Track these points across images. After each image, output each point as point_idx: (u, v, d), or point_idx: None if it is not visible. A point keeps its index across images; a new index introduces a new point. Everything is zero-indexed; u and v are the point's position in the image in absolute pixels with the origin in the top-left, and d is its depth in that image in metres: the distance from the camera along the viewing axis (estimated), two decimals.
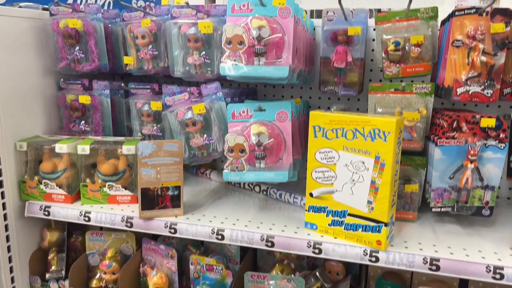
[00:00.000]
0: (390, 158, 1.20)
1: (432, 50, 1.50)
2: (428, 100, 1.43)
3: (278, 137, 1.40)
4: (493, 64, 1.32)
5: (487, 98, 1.32)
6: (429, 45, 1.47)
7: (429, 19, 1.47)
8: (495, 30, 1.32)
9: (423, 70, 1.47)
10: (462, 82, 1.34)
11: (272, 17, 1.34)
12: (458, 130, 1.34)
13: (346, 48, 1.51)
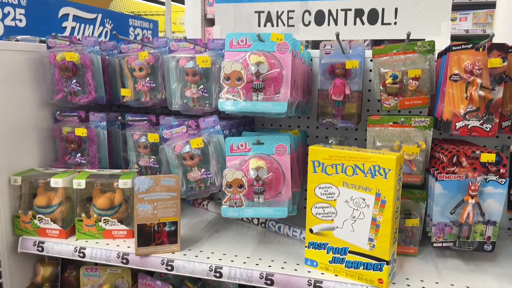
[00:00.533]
0: (391, 195, 1.18)
1: (429, 83, 1.50)
2: (427, 134, 1.43)
3: (277, 171, 1.39)
4: (491, 99, 1.33)
5: (486, 132, 1.32)
6: (426, 78, 1.47)
7: (426, 52, 1.48)
8: (492, 64, 1.32)
9: (421, 103, 1.47)
10: (461, 117, 1.34)
11: (270, 52, 1.34)
12: (458, 165, 1.33)
13: (344, 81, 1.51)
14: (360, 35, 1.82)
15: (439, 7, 1.74)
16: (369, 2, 1.79)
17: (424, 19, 1.76)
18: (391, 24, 1.78)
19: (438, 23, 1.74)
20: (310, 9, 1.84)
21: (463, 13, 4.43)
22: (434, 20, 1.75)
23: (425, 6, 1.74)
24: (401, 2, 1.76)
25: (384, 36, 1.79)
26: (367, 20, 1.80)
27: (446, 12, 1.73)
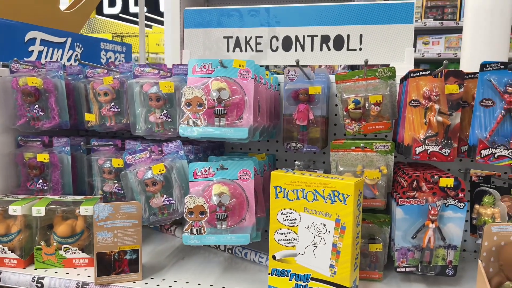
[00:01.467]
0: (350, 221, 1.18)
1: (391, 108, 1.53)
2: (388, 158, 1.44)
3: (240, 197, 1.38)
4: (449, 124, 1.36)
5: (445, 157, 1.34)
6: (388, 103, 1.50)
7: (387, 78, 1.51)
8: (449, 91, 1.36)
9: (383, 128, 1.49)
10: (420, 142, 1.36)
11: (232, 78, 1.35)
12: (418, 190, 1.34)
13: (308, 106, 1.52)
14: (327, 61, 1.85)
15: (402, 34, 1.79)
16: (334, 29, 1.83)
17: (388, 45, 1.80)
18: (356, 50, 1.83)
19: (402, 49, 1.79)
20: (278, 35, 1.88)
21: (436, 37, 4.58)
22: (397, 46, 1.79)
23: (388, 33, 1.79)
24: (365, 29, 1.80)
25: (350, 62, 1.83)
26: (333, 46, 1.84)
27: (408, 38, 1.78)
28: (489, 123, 1.27)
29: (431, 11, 4.45)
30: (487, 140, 1.26)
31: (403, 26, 1.77)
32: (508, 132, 1.24)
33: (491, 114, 1.27)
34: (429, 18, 4.47)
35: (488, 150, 1.24)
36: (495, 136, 1.26)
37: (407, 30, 1.77)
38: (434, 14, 4.45)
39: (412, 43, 1.78)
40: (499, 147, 1.23)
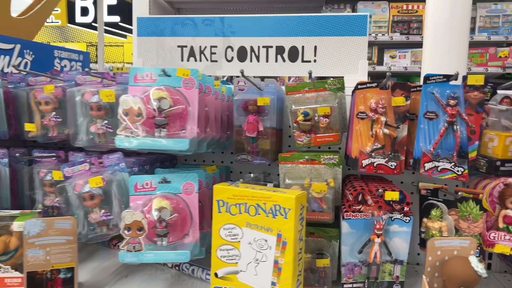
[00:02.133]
0: (291, 236, 1.15)
1: (341, 120, 1.51)
2: (336, 171, 1.42)
3: (183, 212, 1.32)
4: (395, 137, 1.34)
5: (391, 170, 1.32)
6: (337, 115, 1.48)
7: (336, 90, 1.49)
8: (396, 103, 1.35)
9: (332, 140, 1.47)
10: (367, 154, 1.34)
11: (176, 88, 1.30)
12: (364, 203, 1.32)
13: (257, 117, 1.49)
14: (281, 72, 1.83)
15: (356, 46, 1.78)
16: (289, 40, 1.81)
17: (342, 57, 1.79)
18: (311, 61, 1.81)
19: (355, 61, 1.79)
20: (233, 45, 1.85)
21: (402, 51, 4.66)
22: (351, 58, 1.79)
23: (342, 45, 1.79)
24: (320, 40, 1.79)
25: (305, 73, 1.81)
26: (288, 57, 1.82)
27: (362, 51, 1.78)
28: (433, 136, 1.26)
29: (397, 25, 4.54)
30: (431, 153, 1.25)
31: (357, 39, 1.77)
32: (451, 145, 1.23)
33: (435, 127, 1.26)
34: (395, 32, 4.55)
35: (432, 163, 1.23)
36: (439, 149, 1.25)
37: (361, 42, 1.77)
38: (400, 28, 4.54)
39: (366, 55, 1.78)
40: (442, 160, 1.22)
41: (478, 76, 1.19)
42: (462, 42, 3.00)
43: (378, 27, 4.60)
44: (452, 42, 2.96)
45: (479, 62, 4.36)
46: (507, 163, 1.31)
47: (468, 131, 1.22)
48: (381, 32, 4.59)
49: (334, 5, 4.74)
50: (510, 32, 4.26)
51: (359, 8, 4.61)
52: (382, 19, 4.58)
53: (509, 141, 1.30)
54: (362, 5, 4.62)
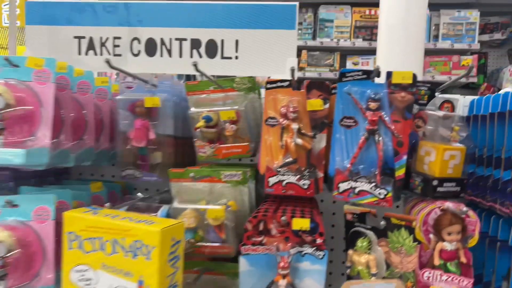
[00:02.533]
0: (155, 283, 0.85)
1: (254, 127, 1.23)
2: (241, 191, 1.13)
3: (31, 246, 1.01)
4: (310, 148, 1.07)
5: (303, 190, 1.05)
6: (246, 121, 1.21)
7: (247, 90, 1.21)
8: (312, 107, 1.08)
9: (241, 152, 1.19)
10: (274, 170, 1.06)
11: (24, 82, 1.00)
12: (266, 233, 1.03)
13: (147, 122, 1.19)
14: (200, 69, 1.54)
15: (283, 42, 1.51)
16: (206, 32, 1.53)
17: (267, 54, 1.52)
18: (231, 58, 1.53)
19: (283, 59, 1.51)
20: (140, 36, 1.55)
21: (365, 58, 4.47)
22: (278, 55, 1.52)
23: (268, 40, 1.51)
24: (242, 34, 1.52)
25: (224, 72, 1.53)
26: (205, 52, 1.54)
27: (291, 47, 1.51)
28: (351, 148, 0.99)
29: (360, 31, 4.35)
30: (348, 170, 0.98)
31: (284, 32, 1.51)
32: (373, 160, 0.97)
33: (353, 137, 0.99)
34: (358, 38, 4.35)
35: (347, 183, 0.96)
36: (359, 164, 0.98)
37: (289, 37, 1.51)
38: (363, 34, 4.34)
39: (295, 53, 1.51)
40: (360, 179, 0.95)
41: (405, 72, 0.93)
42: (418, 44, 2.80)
43: (340, 32, 4.40)
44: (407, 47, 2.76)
45: (443, 70, 4.19)
46: (446, 183, 1.05)
47: (394, 143, 0.96)
48: (344, 37, 4.38)
49: None
50: (473, 40, 4.12)
51: (321, 12, 4.40)
52: (345, 24, 4.38)
53: (449, 155, 1.05)
54: (324, 9, 4.41)
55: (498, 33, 4.15)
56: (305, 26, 4.40)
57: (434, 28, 4.22)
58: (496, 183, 1.08)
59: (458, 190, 1.08)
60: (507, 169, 1.04)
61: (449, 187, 1.06)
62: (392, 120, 0.95)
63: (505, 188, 1.02)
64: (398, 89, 0.94)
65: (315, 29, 4.44)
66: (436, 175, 1.04)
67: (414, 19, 2.69)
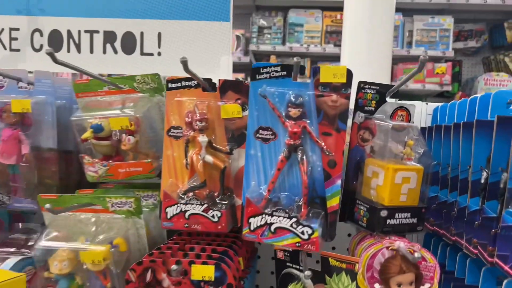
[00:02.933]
0: None
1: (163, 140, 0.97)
2: (136, 224, 0.86)
3: None
4: (223, 168, 0.81)
5: (213, 224, 0.79)
6: (153, 131, 0.94)
7: (152, 92, 0.95)
8: (227, 114, 0.82)
9: (141, 171, 0.92)
10: (173, 198, 0.80)
11: None
12: (156, 285, 0.76)
13: (17, 132, 0.92)
14: (112, 67, 1.28)
15: (216, 36, 1.26)
16: (123, 23, 1.26)
17: (197, 50, 1.26)
18: (153, 54, 1.27)
19: (216, 57, 1.26)
20: (42, 27, 1.27)
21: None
22: (210, 52, 1.26)
23: (198, 34, 1.26)
24: (166, 26, 1.26)
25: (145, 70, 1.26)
26: (121, 47, 1.27)
27: (225, 42, 1.26)
28: (270, 169, 0.73)
29: (331, 36, 4.15)
30: (265, 198, 0.72)
31: (217, 25, 1.26)
32: (296, 187, 0.71)
33: (272, 154, 0.74)
34: (329, 43, 4.15)
35: (261, 218, 0.70)
36: (279, 191, 0.73)
37: (223, 30, 1.26)
38: (334, 39, 4.14)
39: (230, 50, 1.26)
40: (278, 212, 0.69)
41: (337, 67, 0.68)
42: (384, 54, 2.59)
43: (310, 37, 4.19)
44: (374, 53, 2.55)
45: (416, 78, 4.01)
46: (399, 213, 0.81)
47: (324, 162, 0.71)
48: (314, 43, 4.17)
49: (265, 12, 4.30)
50: (447, 48, 3.96)
51: (290, 16, 4.19)
52: (315, 28, 4.18)
53: (401, 177, 0.80)
54: (294, 13, 4.20)
55: (472, 40, 4.00)
56: (275, 31, 4.18)
57: (407, 34, 4.05)
58: (462, 213, 0.84)
59: (414, 222, 0.83)
60: (474, 196, 0.80)
61: (402, 218, 0.82)
62: (320, 132, 0.70)
63: (472, 220, 0.78)
64: (328, 90, 0.69)
65: (284, 33, 4.22)
66: (386, 203, 0.80)
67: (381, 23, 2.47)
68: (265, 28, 4.20)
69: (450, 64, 3.81)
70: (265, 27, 4.19)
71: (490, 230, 0.72)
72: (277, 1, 4.17)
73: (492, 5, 3.67)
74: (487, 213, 0.73)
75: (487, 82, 3.72)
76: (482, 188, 0.78)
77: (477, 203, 0.79)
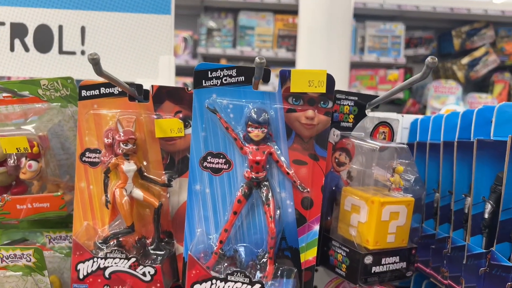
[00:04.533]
0: None
1: None
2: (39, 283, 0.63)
3: None
4: (158, 206, 0.60)
5: (144, 285, 0.57)
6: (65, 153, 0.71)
7: (64, 100, 0.72)
8: (163, 132, 0.61)
9: (49, 208, 0.68)
10: (89, 250, 0.58)
11: None
12: None
13: None
14: (22, 70, 1.02)
15: (155, 33, 1.04)
16: (36, 13, 1.01)
17: (132, 49, 1.04)
18: (76, 53, 1.02)
19: (153, 58, 1.04)
20: None
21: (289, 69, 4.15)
22: (146, 52, 1.04)
23: (131, 29, 1.03)
24: (91, 18, 1.02)
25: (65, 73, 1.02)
26: (33, 44, 1.01)
27: (166, 40, 1.04)
28: (223, 212, 0.53)
29: (283, 40, 4.02)
30: (216, 252, 0.52)
31: (155, 18, 1.04)
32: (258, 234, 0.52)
33: (225, 190, 0.53)
34: (281, 48, 4.02)
35: (210, 283, 0.49)
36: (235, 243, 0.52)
37: (163, 24, 1.04)
38: (286, 44, 4.03)
39: (172, 50, 1.05)
40: (234, 276, 0.49)
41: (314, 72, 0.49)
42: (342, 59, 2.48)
43: (262, 41, 4.04)
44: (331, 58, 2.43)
45: (369, 85, 3.99)
46: (386, 258, 0.64)
47: (297, 201, 0.52)
48: (266, 47, 4.02)
49: (214, 13, 4.09)
50: (398, 54, 3.96)
51: (241, 19, 4.02)
52: (267, 32, 4.04)
53: (389, 212, 0.63)
54: (245, 15, 4.03)
55: (422, 48, 4.04)
56: (225, 33, 3.99)
57: (360, 40, 4.02)
58: (458, 253, 0.68)
59: (403, 267, 0.67)
60: (475, 234, 0.64)
61: (390, 264, 0.65)
62: (291, 160, 0.51)
63: (475, 265, 0.63)
64: (301, 103, 0.51)
65: (235, 36, 4.04)
66: (370, 247, 0.62)
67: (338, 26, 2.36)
68: (214, 30, 4.00)
69: (403, 71, 3.81)
70: (215, 29, 3.99)
71: (504, 281, 0.56)
72: (226, 2, 3.98)
73: (441, 13, 3.71)
74: (500, 260, 0.57)
75: (436, 90, 3.76)
76: (487, 225, 0.63)
77: (479, 243, 0.64)
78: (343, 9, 2.48)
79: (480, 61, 3.75)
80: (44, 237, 0.75)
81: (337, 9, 2.45)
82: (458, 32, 3.85)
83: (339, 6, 2.38)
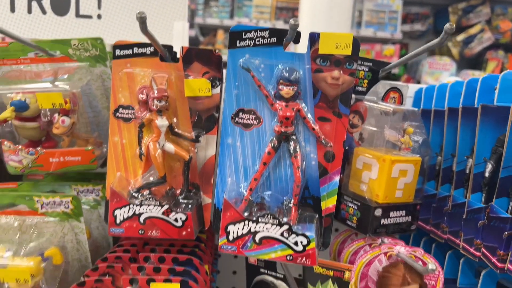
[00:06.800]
0: None
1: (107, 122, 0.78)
2: (75, 229, 0.68)
3: None
4: (188, 159, 0.65)
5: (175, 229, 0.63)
6: (94, 111, 0.75)
7: (92, 60, 0.75)
8: (192, 91, 0.65)
9: (80, 161, 0.73)
10: (125, 197, 0.63)
11: None
12: None
13: None
14: (39, 32, 1.04)
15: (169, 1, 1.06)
16: None
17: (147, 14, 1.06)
18: (92, 17, 1.05)
19: (168, 22, 1.07)
20: None
21: None
22: (160, 16, 1.06)
23: None
24: None
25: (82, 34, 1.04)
26: (50, 7, 1.03)
27: (181, 7, 1.07)
28: (252, 163, 0.58)
29: (281, 12, 4.01)
30: (246, 199, 0.57)
31: None
32: (285, 185, 0.57)
33: (254, 144, 0.58)
34: (279, 20, 4.01)
35: (243, 225, 0.55)
36: (263, 190, 0.58)
37: None
38: (284, 16, 4.01)
39: (186, 15, 1.08)
40: (265, 218, 0.55)
41: (341, 35, 0.54)
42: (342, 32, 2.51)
43: (260, 12, 4.01)
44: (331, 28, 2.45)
45: None
46: (394, 212, 0.70)
47: (320, 155, 0.57)
48: (264, 18, 4.00)
49: None
50: (395, 30, 3.98)
51: None
52: (265, 3, 4.00)
53: (398, 170, 0.69)
54: None
55: (418, 24, 4.06)
56: (222, 4, 3.95)
57: (357, 14, 4.02)
58: (459, 209, 0.75)
59: (408, 221, 0.73)
60: (476, 191, 0.71)
61: (397, 217, 0.71)
62: (316, 117, 0.56)
63: (474, 219, 0.69)
64: (328, 64, 0.55)
65: (233, 7, 4.01)
66: (380, 201, 0.69)
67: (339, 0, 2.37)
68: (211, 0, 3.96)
69: (399, 46, 3.84)
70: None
71: (501, 232, 0.63)
72: None
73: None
74: (498, 212, 0.64)
75: (431, 66, 3.80)
76: (486, 183, 0.70)
77: (479, 200, 0.70)
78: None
79: (475, 38, 3.79)
80: (72, 189, 0.80)
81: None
82: (455, 8, 3.87)
83: None
